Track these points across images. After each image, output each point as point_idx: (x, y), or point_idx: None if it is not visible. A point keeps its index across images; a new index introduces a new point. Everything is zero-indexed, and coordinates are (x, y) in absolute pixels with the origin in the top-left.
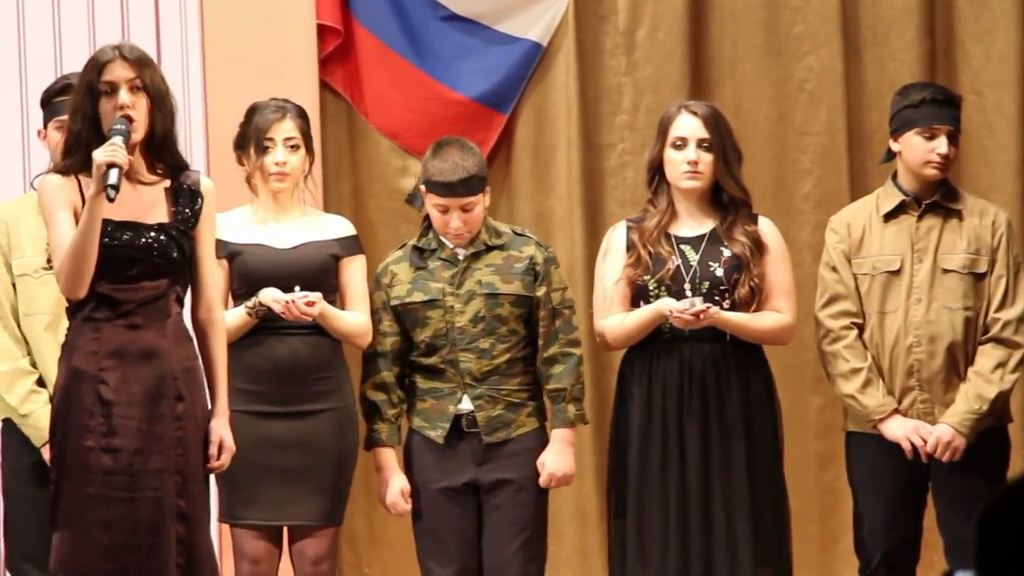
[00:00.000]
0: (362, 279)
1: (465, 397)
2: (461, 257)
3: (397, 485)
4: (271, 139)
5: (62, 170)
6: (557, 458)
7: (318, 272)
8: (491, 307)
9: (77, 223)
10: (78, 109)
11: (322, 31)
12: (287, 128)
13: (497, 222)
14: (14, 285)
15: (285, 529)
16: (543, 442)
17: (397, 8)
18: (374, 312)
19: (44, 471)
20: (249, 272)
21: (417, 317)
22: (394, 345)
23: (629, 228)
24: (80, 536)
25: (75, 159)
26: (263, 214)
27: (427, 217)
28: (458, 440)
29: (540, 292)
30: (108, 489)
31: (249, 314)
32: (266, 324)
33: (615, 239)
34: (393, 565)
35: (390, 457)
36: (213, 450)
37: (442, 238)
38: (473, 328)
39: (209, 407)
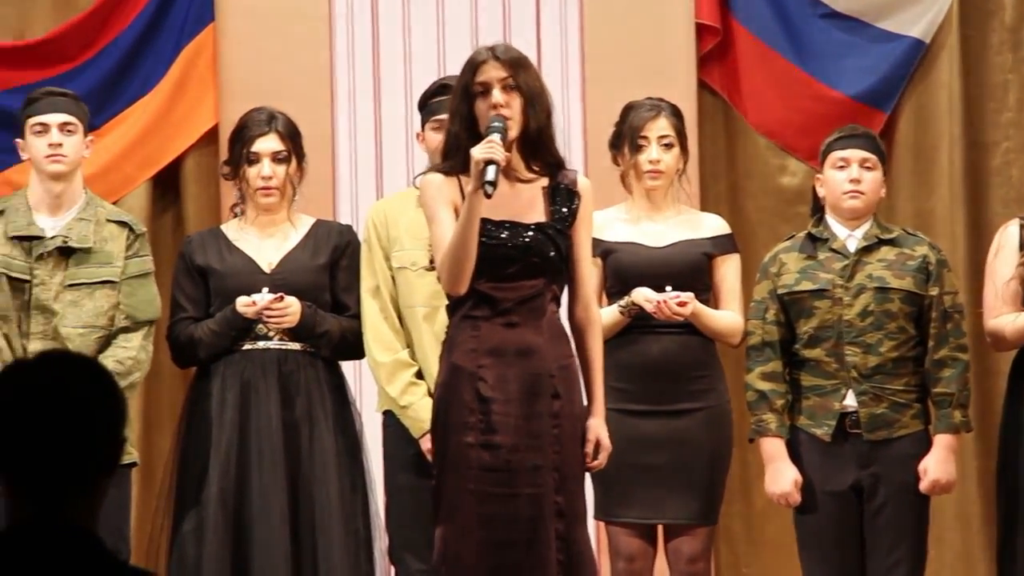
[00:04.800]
0: (736, 278)
1: (850, 393)
2: (853, 249)
3: (790, 476)
4: (645, 137)
5: (443, 170)
6: (940, 465)
7: (691, 270)
8: (880, 302)
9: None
10: (455, 111)
11: (700, 30)
12: (661, 126)
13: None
14: (393, 278)
15: (660, 527)
16: (927, 446)
17: (777, 6)
18: (760, 301)
19: (423, 462)
20: (622, 270)
21: (803, 307)
22: (781, 335)
23: (1022, 226)
24: (461, 531)
25: (455, 160)
26: (637, 213)
27: (822, 207)
28: (843, 440)
29: (933, 293)
30: (487, 485)
31: (622, 313)
32: (639, 323)
33: (1007, 237)
34: (771, 565)
35: (780, 447)
36: (589, 448)
37: (834, 227)
38: (861, 322)
39: (586, 405)
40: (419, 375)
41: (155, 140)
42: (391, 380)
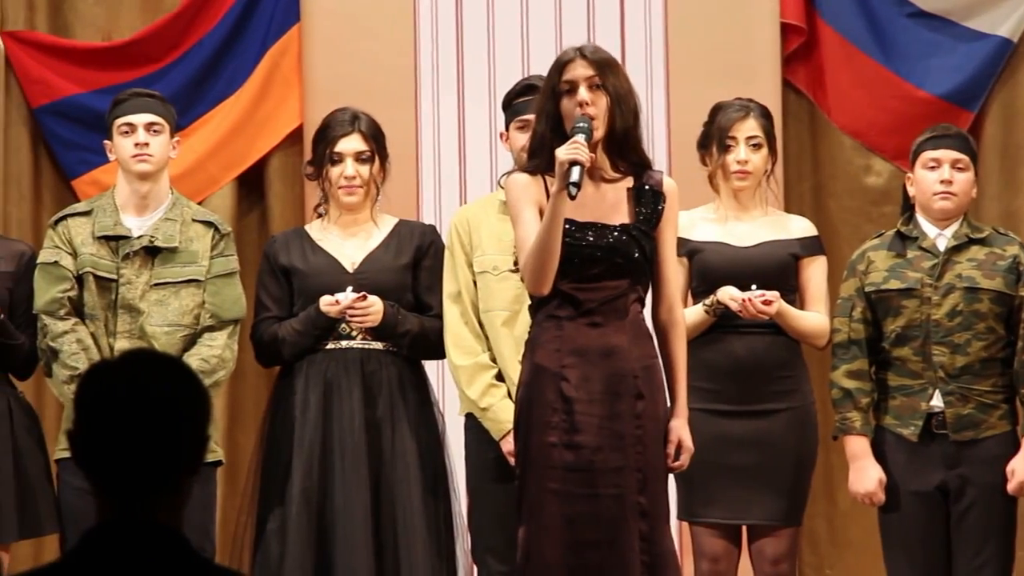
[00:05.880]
0: (823, 280)
1: (936, 393)
2: (942, 248)
3: (874, 475)
4: (733, 138)
5: (528, 170)
6: None
7: (777, 271)
8: (969, 302)
9: None
10: (542, 110)
11: (785, 29)
12: (750, 127)
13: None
14: (475, 282)
15: (744, 528)
16: (1014, 447)
17: (863, 5)
18: (847, 298)
19: (504, 466)
20: (708, 270)
21: (891, 306)
22: (868, 333)
23: None
24: (544, 531)
25: (540, 159)
26: (724, 213)
27: (912, 206)
28: (929, 440)
29: (1023, 293)
30: (570, 485)
31: (707, 312)
32: (724, 322)
33: None
34: (855, 566)
35: (865, 446)
36: (670, 450)
37: (924, 225)
38: (949, 322)
39: (669, 406)
40: (499, 377)
41: (240, 140)
42: (471, 383)
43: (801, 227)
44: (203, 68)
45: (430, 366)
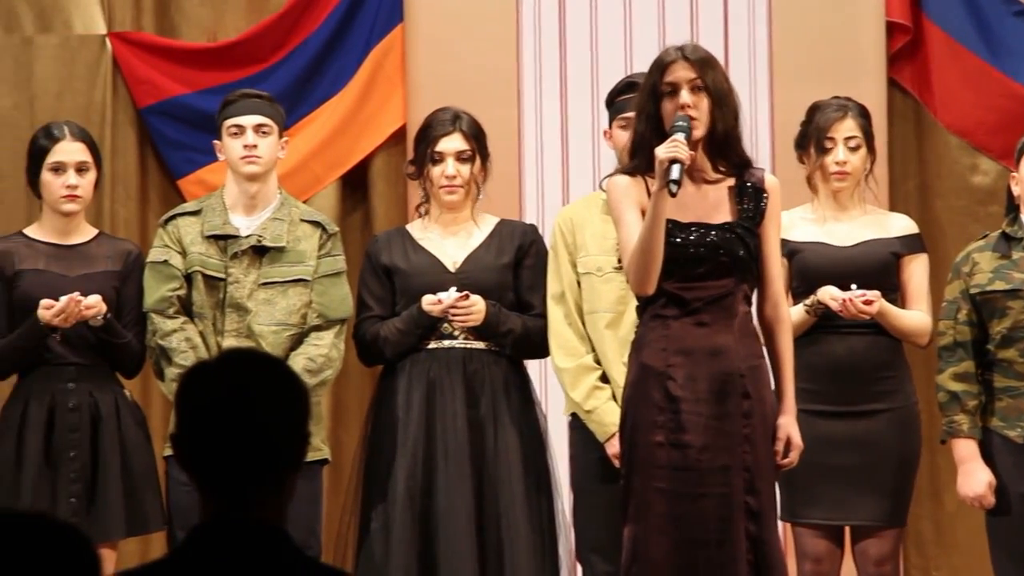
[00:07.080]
0: (924, 278)
1: None
2: None
3: (984, 478)
4: (832, 138)
5: (629, 171)
6: None
7: (878, 270)
8: None
9: None
10: (642, 110)
11: (891, 28)
12: (848, 127)
13: None
14: (579, 283)
15: (847, 529)
16: None
17: (970, 4)
18: (952, 300)
19: (609, 466)
20: (808, 270)
21: (996, 307)
22: (974, 335)
23: None
24: (650, 530)
25: (640, 159)
26: (823, 212)
27: (1016, 206)
28: None
29: None
30: (676, 484)
31: (808, 312)
32: (825, 322)
33: None
34: (962, 568)
35: (973, 448)
36: (779, 447)
37: None
38: None
39: (775, 405)
40: (604, 379)
41: (344, 140)
42: (575, 385)
43: (901, 225)
44: (307, 68)
45: (532, 366)
